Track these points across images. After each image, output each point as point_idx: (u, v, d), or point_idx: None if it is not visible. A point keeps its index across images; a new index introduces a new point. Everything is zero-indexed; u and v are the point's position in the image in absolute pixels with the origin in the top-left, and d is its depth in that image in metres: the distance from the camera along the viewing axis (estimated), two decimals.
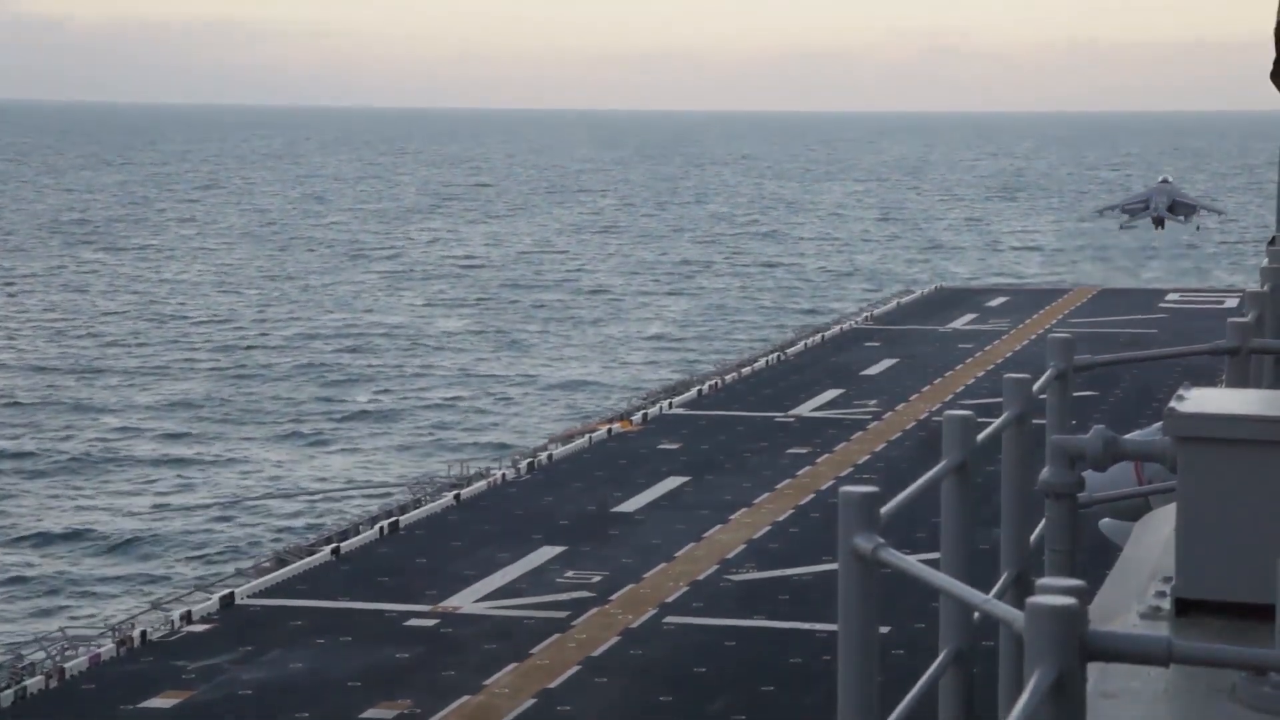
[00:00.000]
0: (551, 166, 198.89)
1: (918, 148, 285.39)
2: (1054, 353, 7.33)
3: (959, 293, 44.01)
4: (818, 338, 34.22)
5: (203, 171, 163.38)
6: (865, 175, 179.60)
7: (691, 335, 54.47)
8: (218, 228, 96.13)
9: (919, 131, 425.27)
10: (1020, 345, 32.50)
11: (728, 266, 77.75)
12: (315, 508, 32.39)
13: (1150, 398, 24.50)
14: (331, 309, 60.70)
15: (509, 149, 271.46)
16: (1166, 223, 43.17)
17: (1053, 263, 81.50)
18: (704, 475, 22.07)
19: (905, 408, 26.27)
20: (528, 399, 43.12)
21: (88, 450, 37.15)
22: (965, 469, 5.74)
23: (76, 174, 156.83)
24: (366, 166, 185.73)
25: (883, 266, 78.83)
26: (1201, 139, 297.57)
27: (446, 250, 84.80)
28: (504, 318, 58.71)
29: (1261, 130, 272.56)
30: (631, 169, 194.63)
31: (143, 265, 75.42)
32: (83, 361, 48.22)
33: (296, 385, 45.09)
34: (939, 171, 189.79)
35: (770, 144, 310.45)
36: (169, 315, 58.09)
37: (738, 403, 27.30)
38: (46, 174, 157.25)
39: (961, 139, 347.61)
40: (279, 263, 78.08)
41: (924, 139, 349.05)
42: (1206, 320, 34.42)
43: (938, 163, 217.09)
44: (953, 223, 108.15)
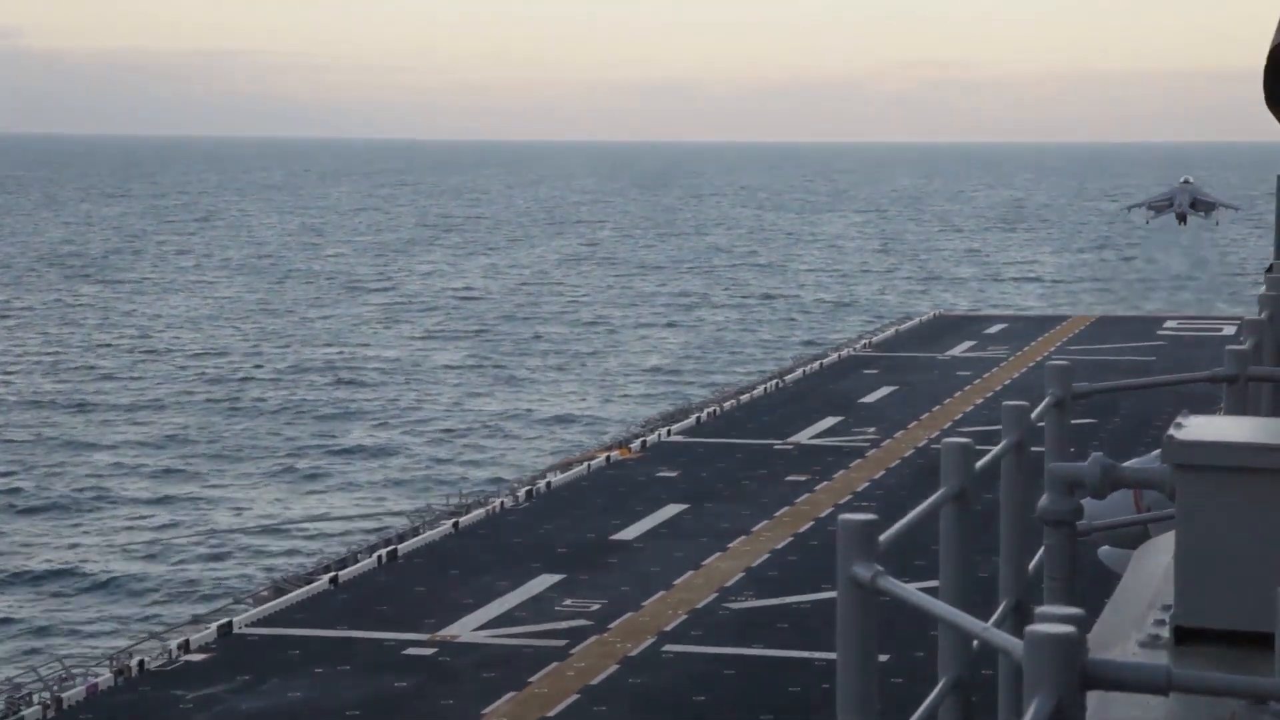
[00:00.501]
0: (550, 198, 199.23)
1: (918, 178, 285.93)
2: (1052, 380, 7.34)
3: (957, 320, 44.04)
4: (816, 365, 34.22)
5: (201, 204, 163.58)
6: (865, 206, 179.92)
7: (690, 369, 54.31)
8: (214, 260, 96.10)
9: (919, 162, 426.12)
10: (1018, 373, 32.51)
11: (727, 298, 77.78)
12: (314, 537, 32.34)
13: (1149, 425, 24.51)
14: (329, 341, 60.62)
15: (508, 180, 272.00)
16: (1189, 218, 44.78)
17: (1052, 294, 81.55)
18: (703, 503, 22.04)
19: (904, 435, 26.27)
20: (526, 431, 43.07)
21: (84, 483, 37.09)
22: (964, 497, 5.74)
23: (75, 206, 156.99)
24: (364, 198, 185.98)
25: (882, 298, 78.93)
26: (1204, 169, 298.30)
27: (444, 282, 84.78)
28: (502, 350, 58.55)
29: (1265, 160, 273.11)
30: (630, 200, 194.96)
31: (139, 298, 75.38)
32: (79, 395, 48.15)
33: (294, 417, 45.05)
34: (938, 202, 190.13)
35: (770, 175, 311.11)
36: (165, 349, 58.01)
37: (736, 430, 27.29)
38: (44, 206, 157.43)
39: (961, 170, 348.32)
40: (276, 294, 78.10)
41: (924, 170, 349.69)
42: (1204, 348, 34.47)
43: (937, 193, 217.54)
44: (952, 253, 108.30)
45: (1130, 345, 36.64)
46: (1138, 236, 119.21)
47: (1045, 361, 27.32)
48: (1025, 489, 6.68)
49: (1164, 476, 6.17)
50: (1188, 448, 5.22)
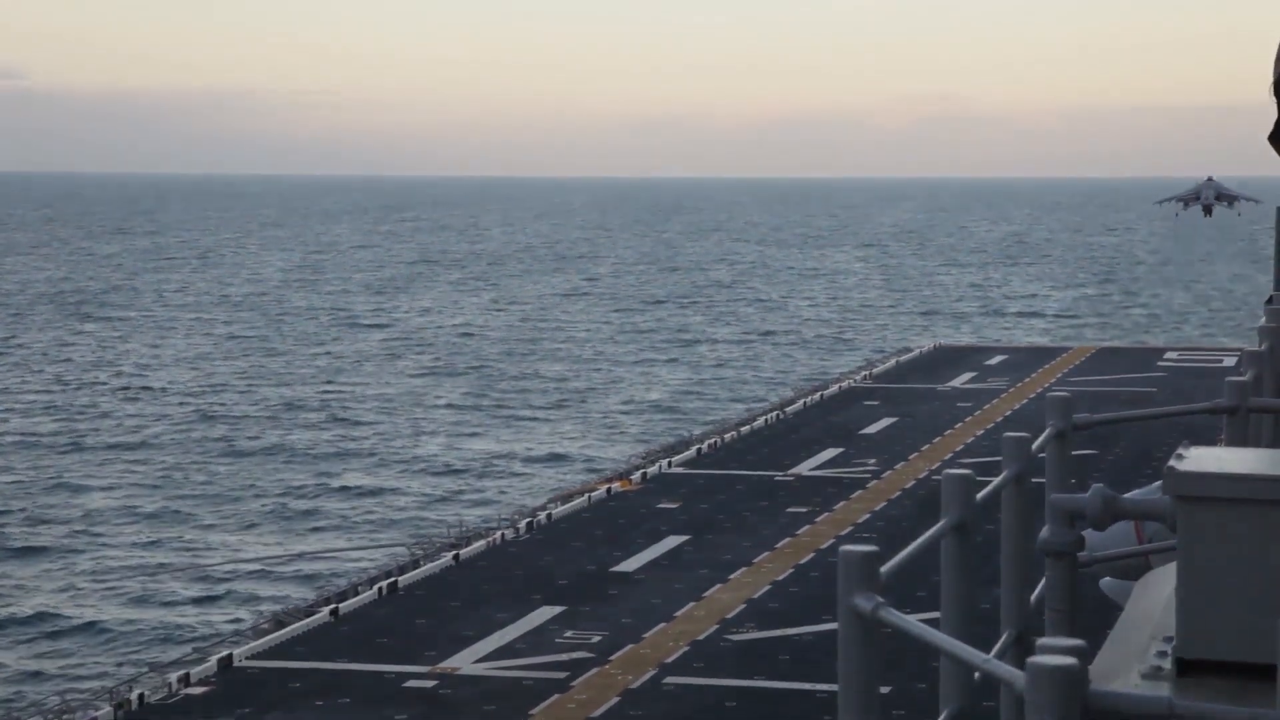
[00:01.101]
0: (551, 233, 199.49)
1: (919, 213, 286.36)
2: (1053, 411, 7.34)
3: (958, 351, 44.03)
4: (817, 397, 34.21)
5: (200, 242, 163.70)
6: (867, 240, 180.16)
7: (691, 403, 54.19)
8: (212, 298, 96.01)
9: (921, 197, 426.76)
10: (1019, 404, 32.50)
11: (728, 333, 77.76)
12: (313, 571, 32.29)
13: (1149, 457, 24.48)
14: (327, 379, 60.49)
15: (509, 216, 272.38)
16: (1214, 209, 46.90)
17: (1055, 328, 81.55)
18: (704, 534, 22.01)
19: (905, 466, 26.24)
20: (525, 469, 43.00)
21: (79, 522, 37.03)
22: (965, 528, 5.74)
23: (75, 244, 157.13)
24: (365, 235, 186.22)
25: (883, 331, 78.97)
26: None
27: (443, 319, 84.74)
28: (501, 387, 58.37)
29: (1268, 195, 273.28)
30: (631, 235, 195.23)
31: (135, 336, 75.29)
32: (74, 433, 48.04)
33: (292, 454, 44.98)
34: (940, 236, 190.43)
35: (772, 210, 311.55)
36: (160, 387, 57.85)
37: (737, 461, 27.26)
38: (44, 243, 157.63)
39: (963, 204, 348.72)
40: (274, 332, 78.10)
41: (926, 204, 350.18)
42: (1205, 379, 34.46)
43: (939, 228, 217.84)
44: (954, 287, 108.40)
45: (1131, 376, 36.64)
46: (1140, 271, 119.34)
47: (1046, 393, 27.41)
48: (1026, 520, 6.68)
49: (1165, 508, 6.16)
50: (1189, 479, 5.22)
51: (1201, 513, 5.20)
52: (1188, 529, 5.22)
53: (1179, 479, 5.20)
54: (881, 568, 4.35)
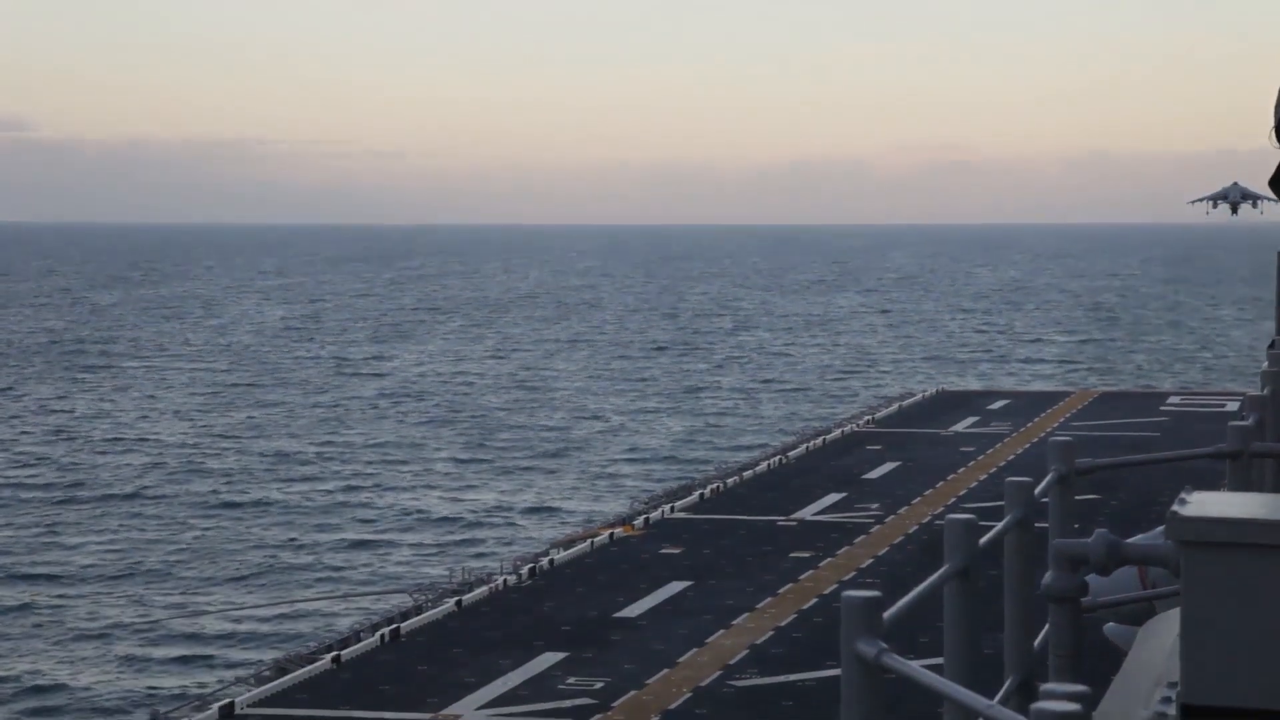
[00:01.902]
0: (552, 280, 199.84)
1: (922, 259, 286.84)
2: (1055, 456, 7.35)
3: (960, 396, 44.02)
4: (819, 442, 34.17)
5: (201, 291, 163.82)
6: (869, 287, 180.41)
7: (693, 453, 53.86)
8: (211, 348, 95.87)
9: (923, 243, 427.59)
10: (1022, 449, 32.45)
11: (731, 380, 77.63)
12: (315, 617, 32.19)
13: (1152, 501, 24.42)
14: (325, 427, 60.30)
15: (511, 263, 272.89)
16: (1240, 208, 48.75)
17: (1058, 373, 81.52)
18: (706, 580, 21.94)
19: (907, 511, 26.18)
20: (525, 519, 42.85)
21: (79, 570, 36.90)
22: (968, 573, 5.73)
23: (76, 294, 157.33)
24: (366, 283, 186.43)
25: (885, 376, 78.94)
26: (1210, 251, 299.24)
27: (442, 367, 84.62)
28: (500, 435, 58.10)
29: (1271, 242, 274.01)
30: (633, 282, 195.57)
31: (132, 387, 75.03)
32: (69, 485, 47.83)
33: (292, 502, 44.87)
34: (943, 282, 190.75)
35: (774, 256, 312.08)
36: (158, 437, 57.54)
37: (740, 506, 27.21)
38: (45, 294, 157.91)
39: (965, 251, 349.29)
40: (274, 380, 78.06)
41: (928, 251, 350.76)
42: (1208, 424, 34.41)
43: (941, 274, 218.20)
44: (957, 333, 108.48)
45: (1133, 421, 36.60)
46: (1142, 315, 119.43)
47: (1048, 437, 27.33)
48: (1029, 565, 6.68)
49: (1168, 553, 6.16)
50: (1192, 524, 5.22)
51: (1205, 558, 5.19)
52: (1191, 574, 5.21)
53: (1182, 524, 5.20)
54: (884, 613, 4.34)
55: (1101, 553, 6.40)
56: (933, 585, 5.27)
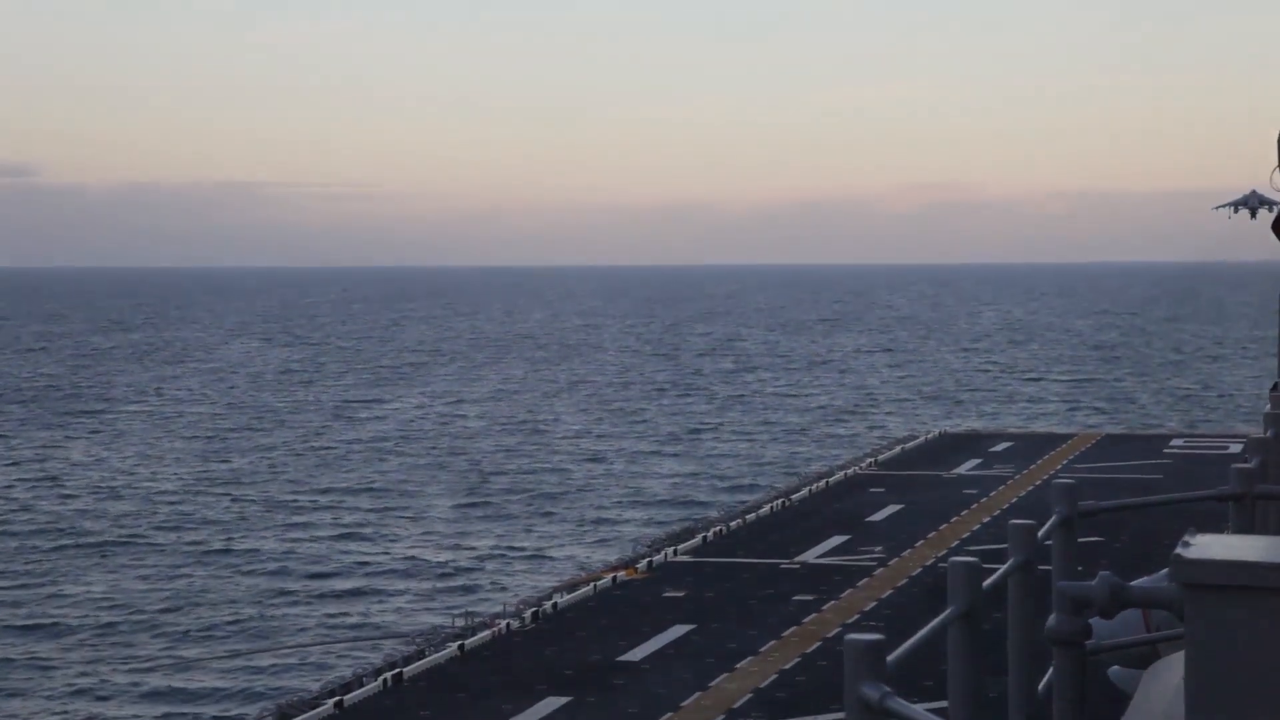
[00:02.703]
0: (554, 322, 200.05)
1: (927, 299, 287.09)
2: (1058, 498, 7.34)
3: (963, 438, 43.97)
4: (822, 484, 34.12)
5: (202, 336, 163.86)
6: (873, 326, 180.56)
7: (695, 495, 53.61)
8: (206, 392, 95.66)
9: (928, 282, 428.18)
10: (1025, 491, 32.39)
11: (733, 421, 77.43)
12: (317, 661, 32.07)
13: (1156, 544, 24.35)
14: (324, 472, 59.97)
15: (513, 304, 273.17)
16: (1258, 212, 49.65)
17: (1061, 412, 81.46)
18: (709, 623, 21.88)
19: (911, 554, 26.12)
20: (527, 559, 42.72)
21: (77, 619, 36.70)
22: (972, 616, 5.72)
23: (76, 338, 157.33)
24: (365, 326, 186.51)
25: (889, 417, 78.83)
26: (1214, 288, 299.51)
27: (441, 409, 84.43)
28: (500, 478, 57.73)
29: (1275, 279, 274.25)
30: (635, 322, 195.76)
31: (129, 432, 74.84)
32: (62, 531, 47.54)
33: (288, 549, 44.61)
34: (947, 321, 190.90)
35: (778, 296, 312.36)
36: (151, 484, 57.28)
37: (743, 549, 27.15)
38: (44, 340, 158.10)
39: (970, 290, 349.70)
40: (273, 422, 77.98)
41: (933, 290, 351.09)
42: (1211, 466, 34.35)
43: (946, 313, 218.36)
44: (961, 373, 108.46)
45: (1136, 463, 36.54)
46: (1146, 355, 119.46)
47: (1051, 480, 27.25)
48: (1033, 608, 6.66)
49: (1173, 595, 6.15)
50: (1196, 566, 5.22)
51: (1209, 600, 5.18)
52: (1196, 617, 5.20)
53: (1186, 566, 5.20)
54: (888, 656, 4.34)
55: (1105, 596, 6.39)
56: (936, 628, 5.26)
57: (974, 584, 5.73)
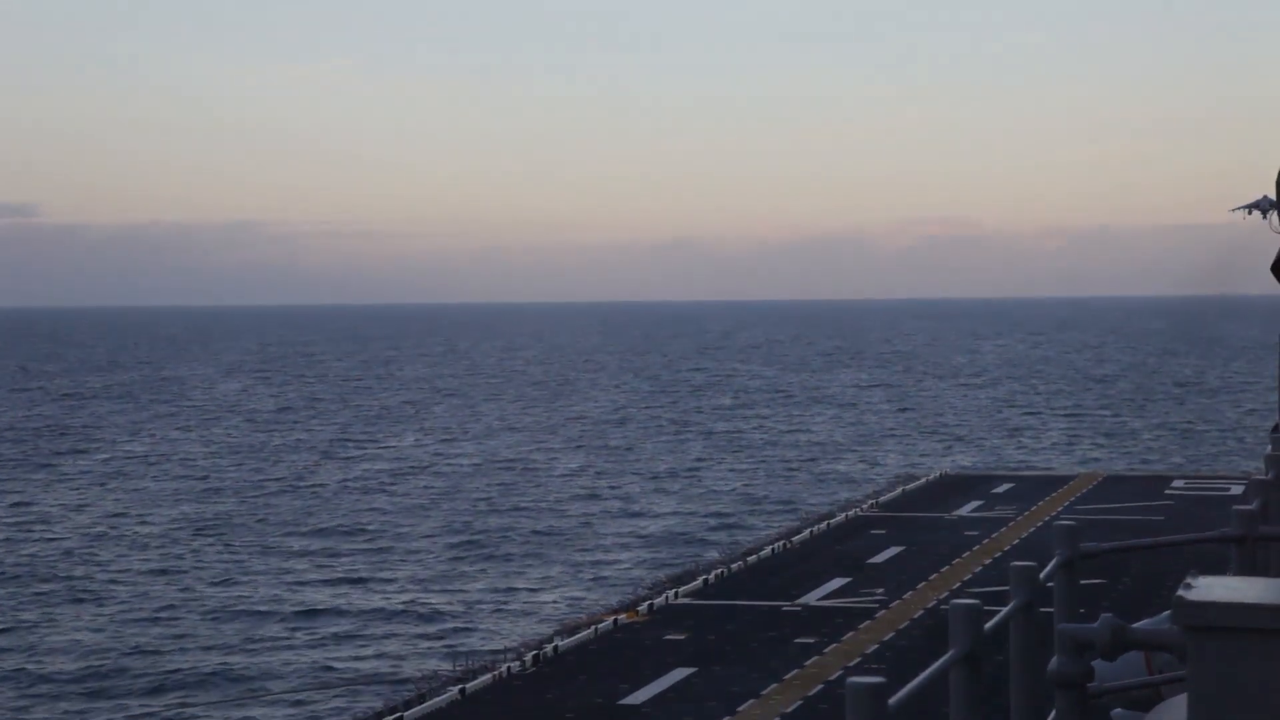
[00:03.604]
0: (552, 358, 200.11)
1: (926, 334, 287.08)
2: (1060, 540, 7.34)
3: (964, 479, 43.93)
4: (824, 526, 34.07)
5: (198, 375, 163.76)
6: (872, 362, 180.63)
7: (696, 536, 53.27)
8: (200, 432, 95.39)
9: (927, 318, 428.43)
10: (1026, 532, 32.34)
11: (732, 461, 77.24)
12: (317, 709, 31.92)
13: (1158, 586, 24.31)
14: (313, 512, 59.47)
15: (513, 341, 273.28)
16: (1269, 214, 50.12)
17: (1063, 448, 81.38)
18: (711, 666, 21.81)
19: (912, 596, 26.05)
20: (527, 602, 42.50)
21: (70, 661, 36.51)
22: (973, 658, 5.71)
23: (71, 377, 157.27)
24: (364, 365, 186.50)
25: (890, 455, 78.72)
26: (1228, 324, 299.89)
27: (436, 449, 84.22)
28: (496, 519, 57.25)
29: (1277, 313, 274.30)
30: (633, 358, 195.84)
31: (124, 470, 74.67)
32: (53, 577, 47.16)
33: (283, 592, 44.34)
34: (947, 357, 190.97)
35: (778, 332, 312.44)
36: (139, 525, 56.85)
37: (744, 592, 27.09)
38: (39, 378, 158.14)
39: (970, 325, 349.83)
40: (267, 465, 77.87)
41: (932, 325, 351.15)
42: (1212, 507, 34.31)
43: (946, 349, 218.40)
44: (961, 410, 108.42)
45: (1138, 505, 36.50)
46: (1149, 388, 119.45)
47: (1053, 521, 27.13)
48: (1035, 651, 6.65)
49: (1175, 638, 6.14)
50: (1198, 608, 5.20)
51: (1212, 643, 5.17)
52: (1198, 659, 5.19)
53: (1188, 609, 5.18)
54: (890, 699, 4.33)
55: (1107, 638, 6.38)
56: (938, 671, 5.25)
57: (976, 626, 5.72)
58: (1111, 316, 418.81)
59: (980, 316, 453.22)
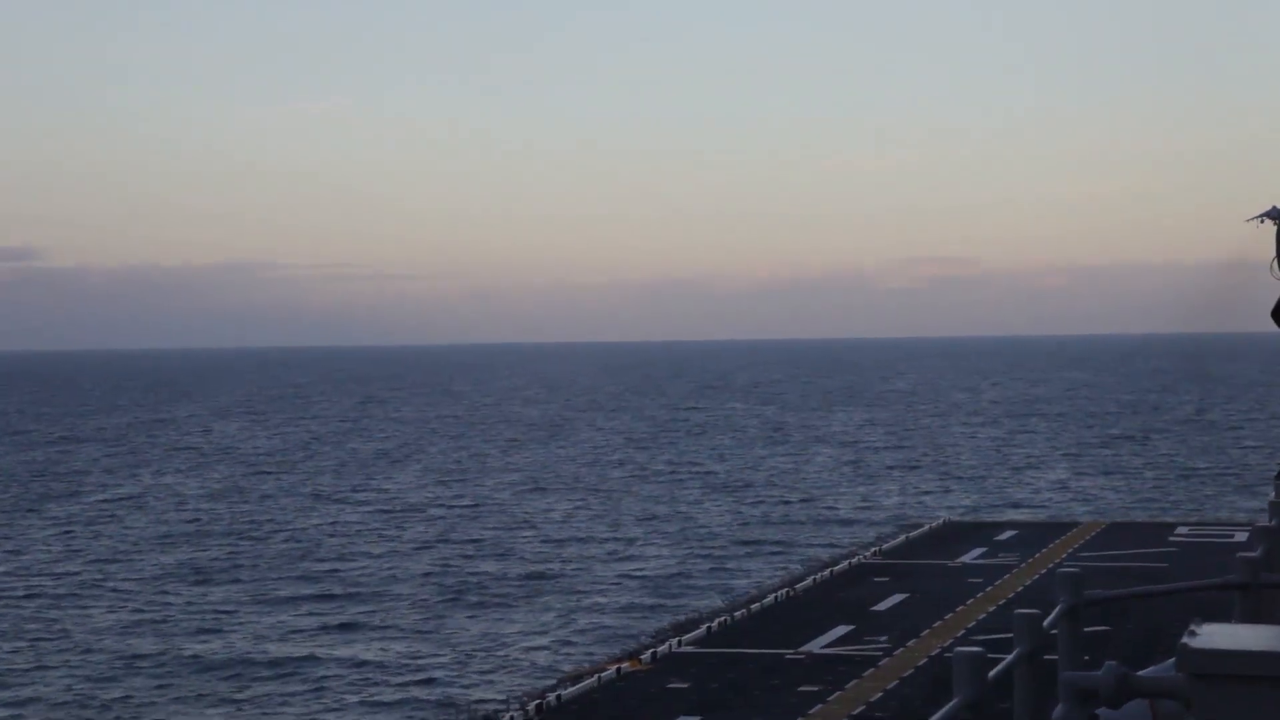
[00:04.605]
0: (550, 399, 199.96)
1: (927, 373, 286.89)
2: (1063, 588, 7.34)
3: (967, 526, 43.85)
4: (827, 573, 33.98)
5: (192, 419, 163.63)
6: (874, 402, 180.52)
7: (698, 583, 52.78)
8: (195, 478, 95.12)
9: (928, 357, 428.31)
10: (1030, 580, 32.25)
11: (733, 505, 76.92)
12: None
13: (1162, 633, 24.23)
14: (302, 558, 59.00)
15: (510, 382, 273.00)
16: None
17: (1066, 487, 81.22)
18: (715, 714, 21.73)
19: (916, 644, 25.96)
20: (527, 651, 42.21)
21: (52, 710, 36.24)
22: (977, 707, 5.71)
23: (68, 422, 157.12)
24: (360, 407, 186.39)
25: (891, 498, 78.54)
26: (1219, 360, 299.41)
27: (430, 493, 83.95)
28: (491, 565, 56.77)
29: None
30: (632, 399, 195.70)
31: (116, 515, 74.27)
32: (39, 618, 46.99)
33: (269, 641, 44.01)
34: (948, 396, 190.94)
35: (778, 371, 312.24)
36: (126, 575, 56.28)
37: (747, 639, 27.00)
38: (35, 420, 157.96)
39: (970, 364, 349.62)
40: (257, 505, 77.69)
41: (933, 364, 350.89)
42: (1216, 554, 34.23)
43: (947, 388, 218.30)
44: (963, 449, 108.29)
45: (1141, 551, 36.41)
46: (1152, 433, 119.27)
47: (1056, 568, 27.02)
48: (1039, 699, 6.64)
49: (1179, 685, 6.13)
50: (1202, 656, 5.21)
51: (1216, 690, 5.18)
52: (1202, 707, 5.20)
53: (1192, 656, 5.19)
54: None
55: (1111, 685, 6.37)
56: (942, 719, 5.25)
57: (979, 674, 5.73)
58: (1112, 354, 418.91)
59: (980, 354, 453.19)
